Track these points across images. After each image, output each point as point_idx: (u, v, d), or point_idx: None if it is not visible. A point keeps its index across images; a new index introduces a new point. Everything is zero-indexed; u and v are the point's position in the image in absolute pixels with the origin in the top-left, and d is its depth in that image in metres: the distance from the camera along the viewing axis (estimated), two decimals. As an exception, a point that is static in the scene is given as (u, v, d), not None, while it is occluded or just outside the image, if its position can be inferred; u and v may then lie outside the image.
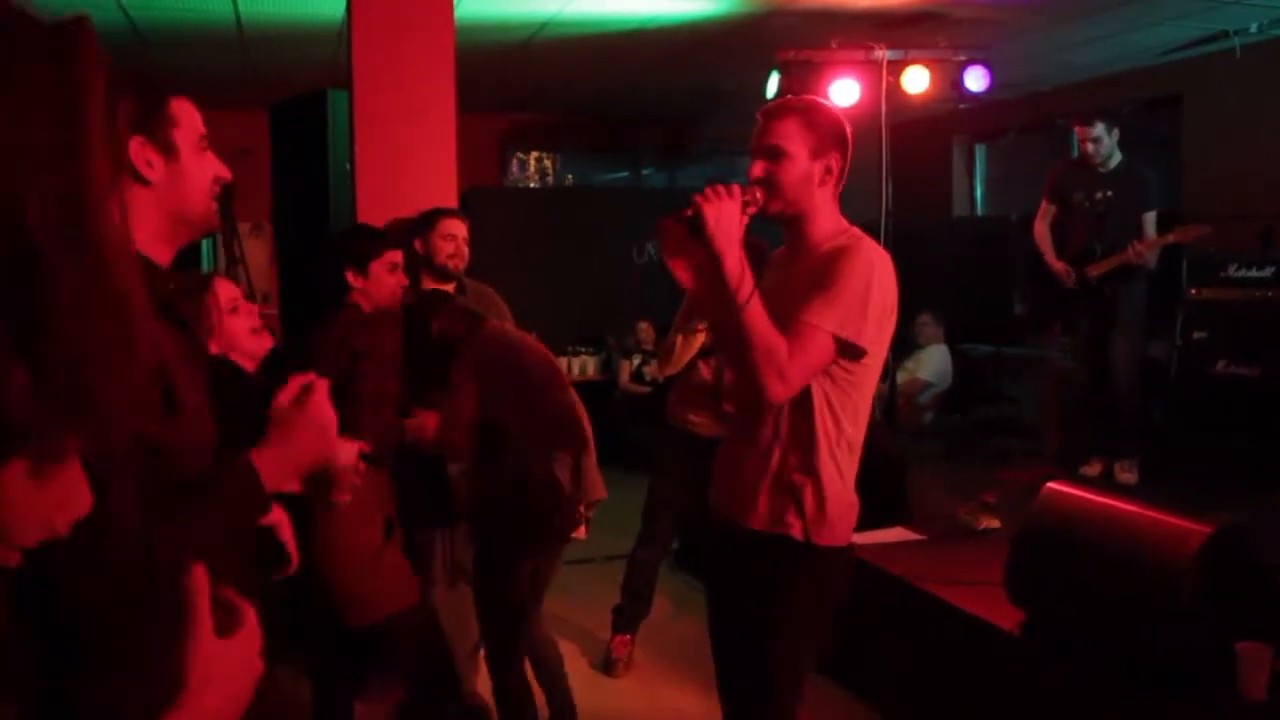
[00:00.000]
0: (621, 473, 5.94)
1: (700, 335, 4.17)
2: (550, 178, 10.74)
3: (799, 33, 6.36)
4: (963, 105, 8.26)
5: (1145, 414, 5.95)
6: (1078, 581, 3.19)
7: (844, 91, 6.06)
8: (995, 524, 4.64)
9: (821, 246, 2.43)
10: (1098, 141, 5.65)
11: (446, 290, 3.72)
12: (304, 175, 4.90)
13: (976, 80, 6.18)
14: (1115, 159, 5.72)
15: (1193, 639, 2.86)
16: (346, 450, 2.10)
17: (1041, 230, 5.95)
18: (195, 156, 1.58)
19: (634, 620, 4.57)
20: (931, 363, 7.67)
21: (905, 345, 7.54)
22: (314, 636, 3.32)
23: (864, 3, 6.16)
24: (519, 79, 8.30)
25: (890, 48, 6.09)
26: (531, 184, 10.58)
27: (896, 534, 4.58)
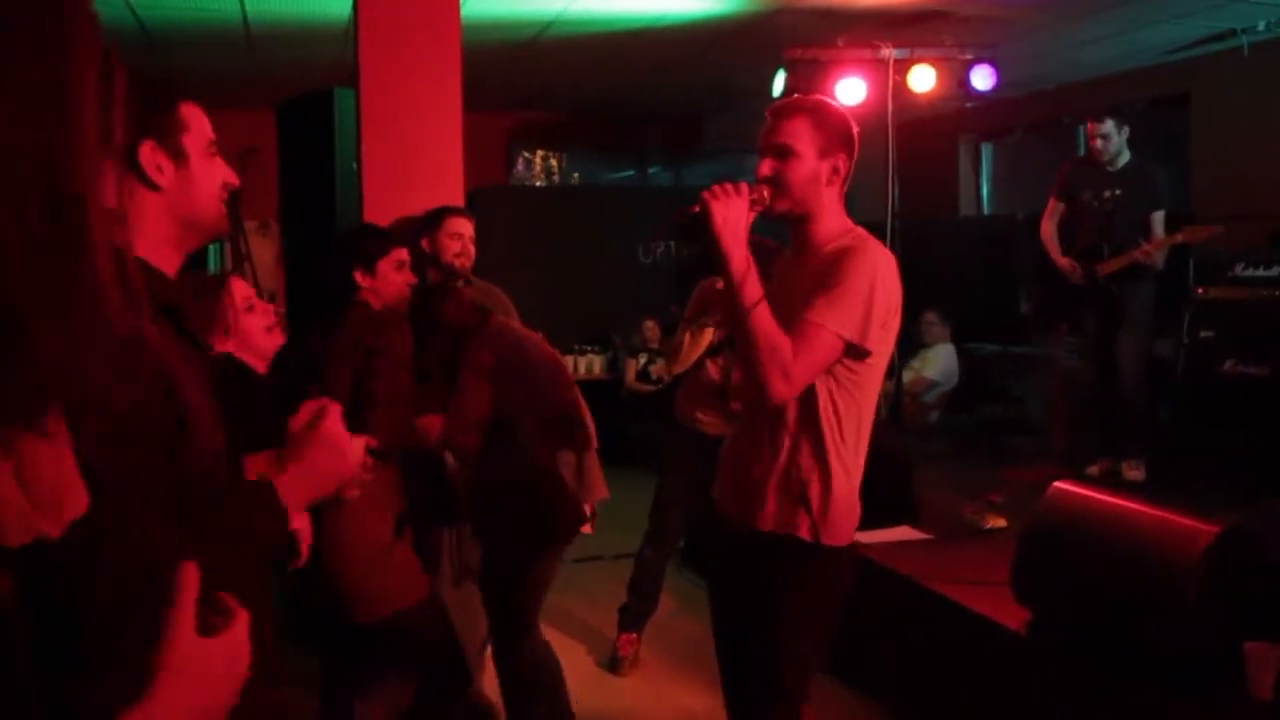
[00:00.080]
0: (628, 471, 5.95)
1: (708, 333, 4.17)
2: (556, 176, 10.73)
3: (806, 31, 6.35)
4: (969, 104, 8.28)
5: (1152, 413, 5.94)
6: (1084, 581, 3.18)
7: (850, 90, 6.06)
8: (1001, 523, 4.64)
9: (826, 246, 2.43)
10: (1106, 138, 5.64)
11: (448, 278, 3.71)
12: (311, 174, 4.91)
13: (983, 79, 6.18)
14: (1124, 157, 5.71)
15: (1200, 638, 2.86)
16: (354, 446, 2.10)
17: (1049, 229, 5.94)
18: (205, 162, 1.58)
19: (640, 619, 4.57)
20: (938, 362, 7.66)
21: (911, 344, 7.54)
22: (320, 633, 3.32)
23: (871, 1, 6.15)
24: (525, 77, 8.31)
25: (897, 46, 6.09)
26: (538, 183, 10.57)
27: (902, 533, 4.58)
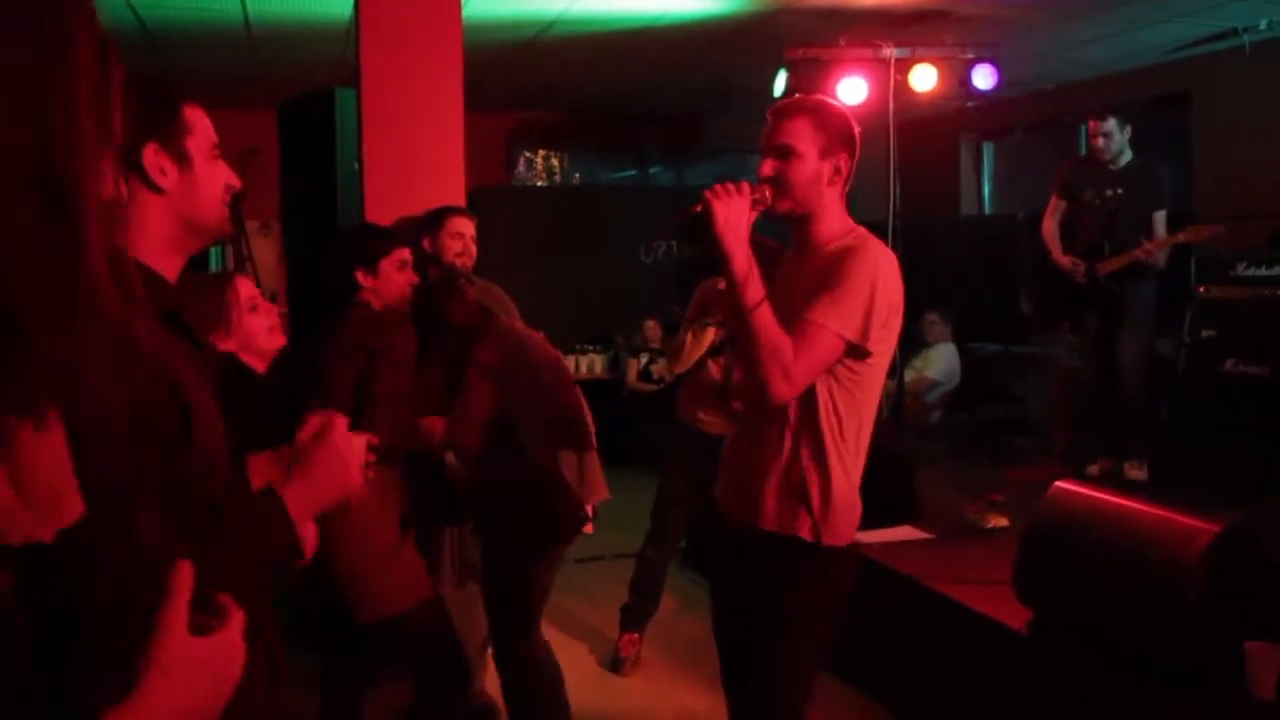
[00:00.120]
0: (628, 471, 5.96)
1: (710, 333, 4.17)
2: (557, 176, 10.73)
3: (807, 31, 6.36)
4: (970, 103, 8.29)
5: (1153, 412, 5.94)
6: (1086, 580, 3.18)
7: (852, 90, 6.06)
8: (1003, 522, 4.64)
9: (828, 246, 2.43)
10: (1108, 137, 5.64)
11: (453, 274, 3.70)
12: (312, 174, 4.91)
13: (984, 78, 6.18)
14: (1126, 156, 5.71)
15: (1200, 638, 2.86)
16: (356, 444, 2.10)
17: (1050, 227, 5.94)
18: (208, 165, 1.58)
19: (642, 619, 4.57)
20: (939, 361, 7.66)
21: (913, 344, 7.54)
22: (321, 633, 3.32)
23: (872, 1, 6.16)
24: (526, 77, 8.31)
25: (898, 46, 6.09)
26: (539, 182, 10.57)
27: (904, 532, 4.58)
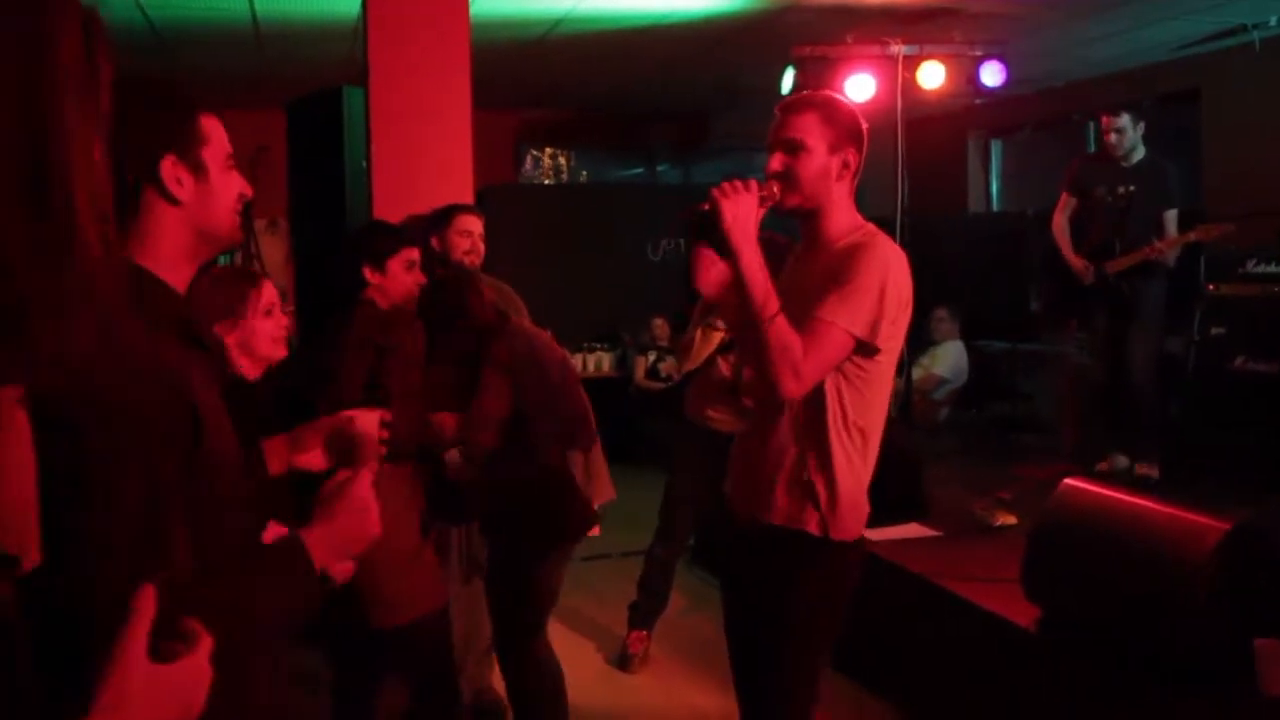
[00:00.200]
0: (636, 469, 5.95)
1: (719, 331, 4.17)
2: (565, 175, 10.74)
3: (814, 28, 6.34)
4: (978, 100, 8.26)
5: (1163, 411, 5.92)
6: (1095, 578, 3.18)
7: (860, 87, 6.04)
8: (1011, 520, 4.63)
9: (837, 242, 2.43)
10: (1121, 132, 5.62)
11: (468, 271, 3.70)
12: (320, 172, 4.92)
13: (992, 75, 6.16)
14: (1139, 153, 5.68)
15: (1210, 636, 2.85)
16: (368, 419, 2.11)
17: (1060, 223, 5.91)
18: (223, 175, 1.57)
19: (650, 616, 4.57)
20: (947, 359, 7.65)
21: (921, 341, 7.53)
22: (337, 638, 3.30)
23: (879, -2, 6.15)
24: (534, 76, 8.31)
25: (906, 43, 6.07)
26: (546, 181, 10.58)
27: (912, 530, 4.57)
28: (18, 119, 0.88)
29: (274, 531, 1.77)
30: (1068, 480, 3.47)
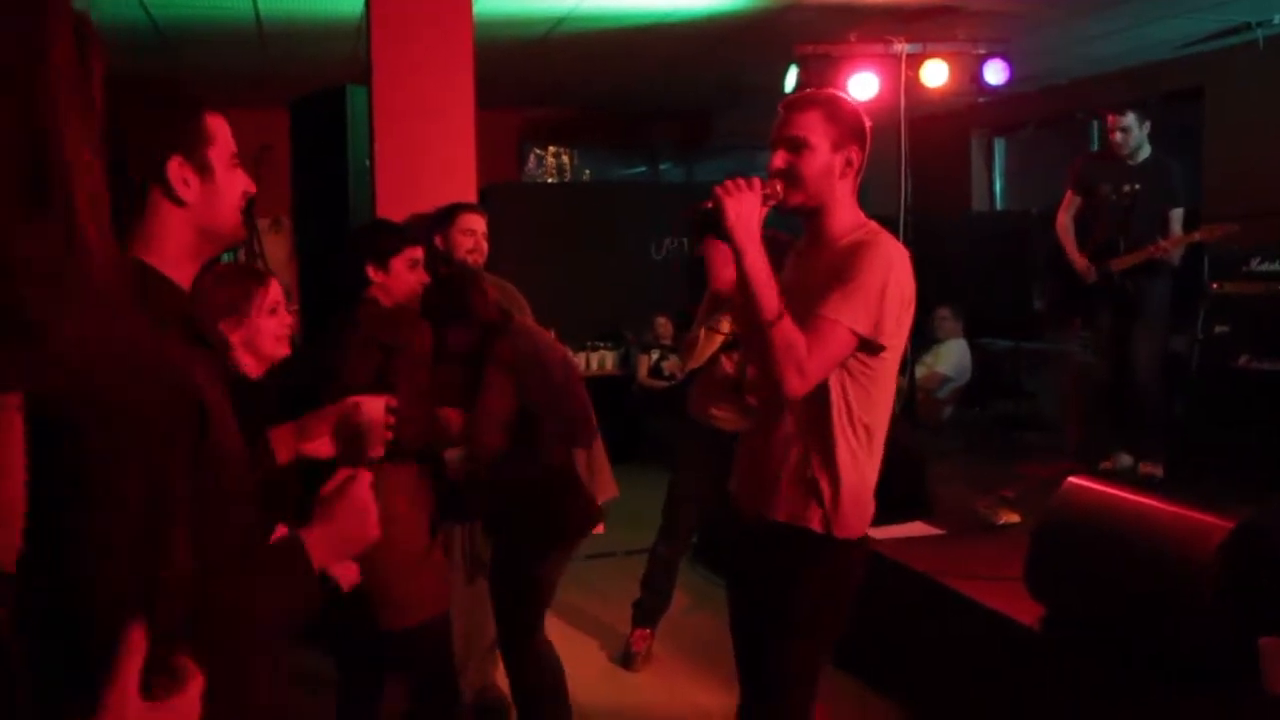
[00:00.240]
0: (640, 467, 5.96)
1: (723, 328, 4.17)
2: (568, 173, 10.74)
3: (817, 27, 6.34)
4: (981, 99, 8.25)
5: (1168, 410, 5.92)
6: (1099, 576, 3.18)
7: (863, 85, 6.04)
8: (1015, 519, 4.63)
9: (840, 241, 2.43)
10: (1127, 131, 5.61)
11: (472, 269, 3.69)
12: (323, 171, 4.92)
13: (996, 73, 6.16)
14: (1145, 151, 5.67)
15: (1215, 634, 2.85)
16: (374, 405, 2.12)
17: (1064, 221, 5.90)
18: (228, 174, 1.57)
19: (654, 615, 4.57)
20: (950, 357, 7.65)
21: (924, 339, 7.53)
22: (344, 639, 3.30)
23: (882, -4, 6.14)
24: (537, 74, 8.31)
25: (909, 41, 6.07)
26: (549, 179, 10.58)
27: (915, 528, 4.57)
28: (17, 119, 0.88)
29: (280, 534, 1.78)
30: (1071, 478, 3.47)
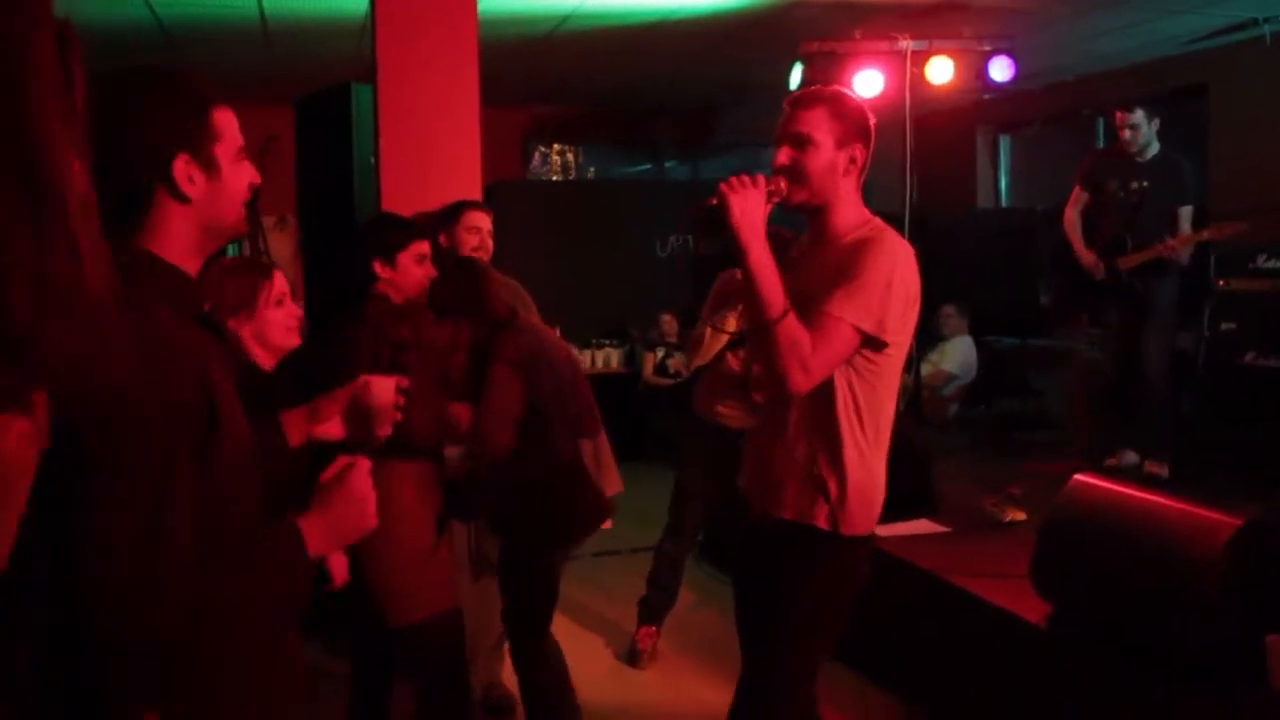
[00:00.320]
0: (645, 465, 5.97)
1: (729, 325, 4.16)
2: (572, 171, 10.75)
3: (822, 24, 6.33)
4: (987, 96, 8.24)
5: (1175, 409, 5.90)
6: (1105, 574, 3.17)
7: (868, 82, 6.03)
8: (1021, 516, 4.63)
9: (845, 237, 2.43)
10: (1136, 129, 5.59)
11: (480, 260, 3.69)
12: (329, 169, 4.92)
13: (1001, 70, 6.15)
14: (1154, 148, 5.65)
15: (1222, 632, 2.84)
16: (384, 385, 2.12)
17: (1072, 217, 5.88)
18: (234, 169, 1.57)
19: (659, 612, 4.57)
20: (956, 354, 7.64)
21: (930, 337, 7.52)
22: (355, 637, 3.30)
23: (888, -7, 6.13)
24: (542, 72, 8.30)
25: (914, 38, 6.05)
26: (554, 177, 10.58)
27: (921, 526, 4.57)
28: (2, 125, 0.88)
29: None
30: (1078, 476, 3.46)
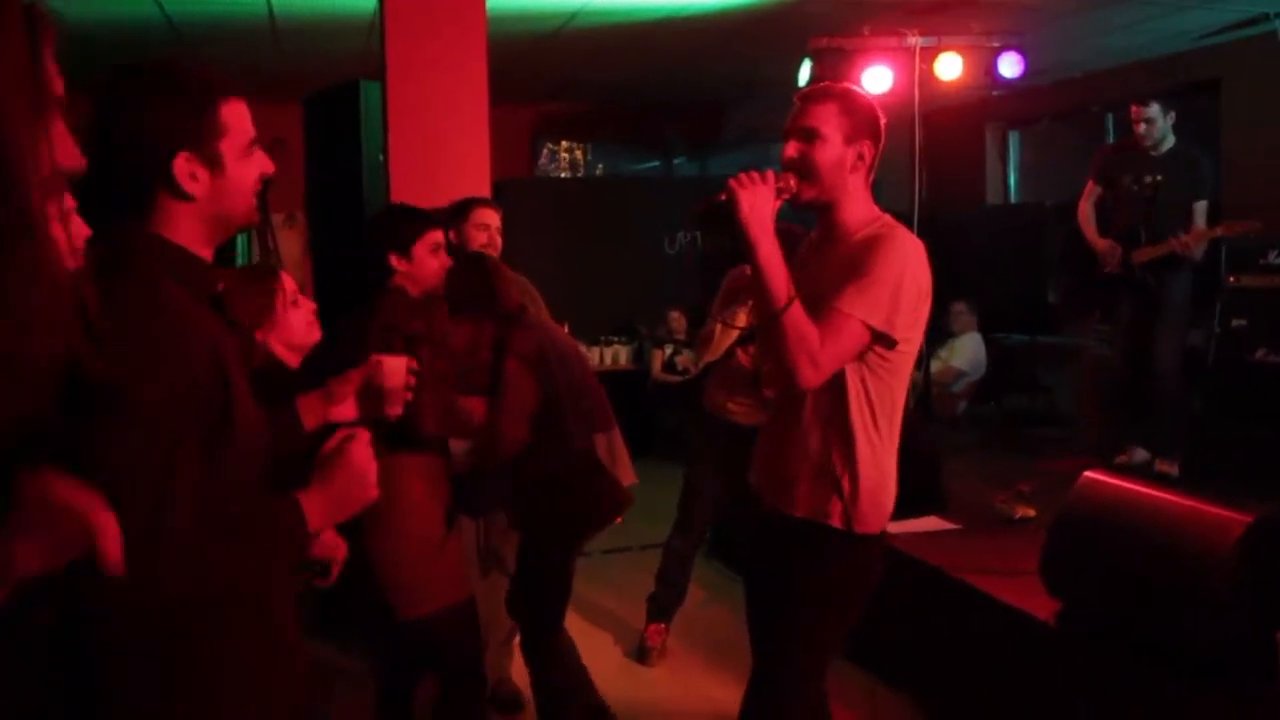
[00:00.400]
0: (653, 462, 5.96)
1: (739, 322, 4.15)
2: (581, 168, 10.74)
3: (831, 20, 6.32)
4: (996, 92, 8.20)
5: (1186, 407, 5.87)
6: (1115, 571, 3.16)
7: (877, 79, 6.02)
8: (1031, 513, 4.61)
9: (855, 234, 2.43)
10: (1151, 123, 5.56)
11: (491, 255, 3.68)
12: (337, 167, 4.93)
13: (1010, 66, 6.12)
14: (1169, 142, 5.61)
15: (1232, 629, 2.83)
16: (396, 365, 2.12)
17: (1085, 210, 5.83)
18: (241, 163, 1.56)
19: (668, 609, 4.57)
20: (965, 351, 7.63)
21: (939, 333, 7.51)
22: (372, 631, 3.30)
23: (896, -11, 6.12)
24: (550, 69, 8.31)
25: (923, 34, 6.04)
26: (562, 174, 10.58)
27: (931, 523, 4.56)
28: None
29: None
30: (1088, 473, 3.44)
